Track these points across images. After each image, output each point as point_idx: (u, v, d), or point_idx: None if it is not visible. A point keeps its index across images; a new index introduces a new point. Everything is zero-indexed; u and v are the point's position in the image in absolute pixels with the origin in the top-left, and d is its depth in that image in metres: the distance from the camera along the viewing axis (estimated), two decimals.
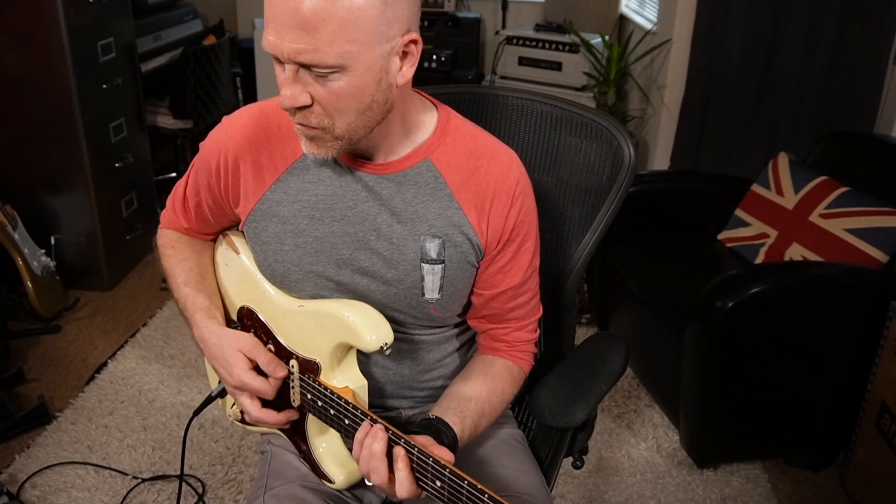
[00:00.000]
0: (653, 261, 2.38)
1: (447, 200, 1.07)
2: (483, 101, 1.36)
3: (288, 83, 0.92)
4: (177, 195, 1.23)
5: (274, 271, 1.10)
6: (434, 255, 1.07)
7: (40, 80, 2.66)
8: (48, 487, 2.02)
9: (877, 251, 2.03)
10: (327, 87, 0.92)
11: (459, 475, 0.89)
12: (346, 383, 1.06)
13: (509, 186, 1.08)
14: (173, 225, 1.26)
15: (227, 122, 1.12)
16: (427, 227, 1.07)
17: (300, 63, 0.90)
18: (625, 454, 2.20)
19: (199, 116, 3.50)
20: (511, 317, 1.16)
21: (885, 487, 1.84)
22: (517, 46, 4.24)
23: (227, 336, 1.10)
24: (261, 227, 1.10)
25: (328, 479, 1.12)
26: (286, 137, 1.09)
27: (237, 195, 1.12)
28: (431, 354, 1.19)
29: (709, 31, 3.15)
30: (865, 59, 2.81)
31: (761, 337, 1.92)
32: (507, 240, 1.10)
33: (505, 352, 1.18)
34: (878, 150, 2.33)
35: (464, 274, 1.10)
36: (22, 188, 2.81)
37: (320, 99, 0.93)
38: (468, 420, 1.05)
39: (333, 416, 1.05)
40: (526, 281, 1.14)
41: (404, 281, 1.08)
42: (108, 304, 2.91)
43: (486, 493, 0.87)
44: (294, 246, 1.08)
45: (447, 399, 1.09)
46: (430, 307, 1.10)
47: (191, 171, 1.19)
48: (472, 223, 1.07)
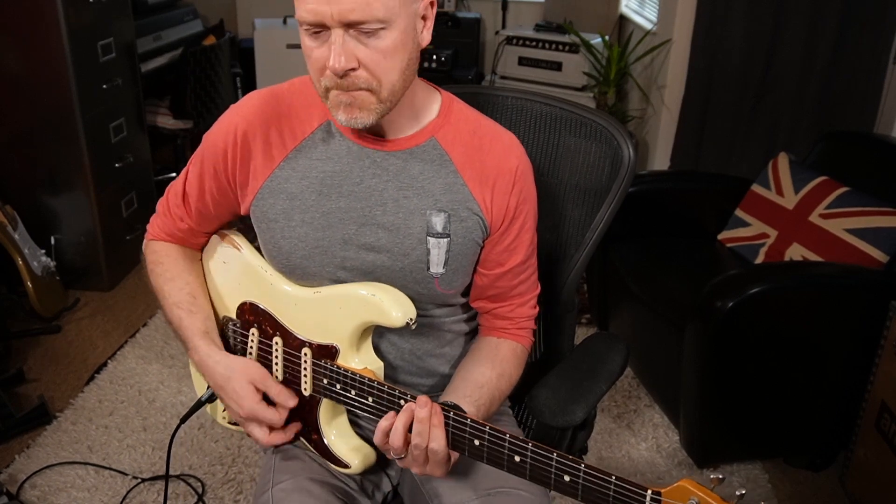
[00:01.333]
0: (653, 261, 2.38)
1: (453, 177, 1.10)
2: (483, 101, 1.36)
3: (338, 45, 0.94)
4: (174, 193, 1.22)
5: (280, 248, 1.11)
6: (440, 228, 1.09)
7: (40, 80, 2.66)
8: (48, 487, 2.02)
9: (877, 251, 2.03)
10: (373, 47, 0.95)
11: (500, 431, 0.96)
12: (364, 365, 1.08)
13: (511, 166, 1.11)
14: (166, 231, 1.23)
15: (236, 106, 1.14)
16: (433, 202, 1.09)
17: (350, 22, 0.93)
18: (625, 454, 2.20)
19: (199, 116, 3.51)
20: (514, 293, 1.19)
21: (885, 487, 1.84)
22: (517, 46, 4.24)
23: (235, 367, 1.11)
24: (268, 205, 1.11)
25: (344, 464, 1.13)
26: (296, 116, 1.11)
27: (245, 174, 1.12)
28: (435, 336, 1.20)
29: (709, 31, 3.16)
30: (865, 59, 2.81)
31: (761, 337, 1.92)
32: (511, 218, 1.12)
33: (508, 331, 1.20)
34: (878, 150, 2.33)
35: (468, 250, 1.12)
36: (22, 188, 2.81)
37: (367, 61, 0.96)
38: (482, 408, 1.08)
39: (355, 396, 1.06)
40: (528, 258, 1.17)
41: (410, 255, 1.09)
42: (108, 304, 2.91)
43: (529, 442, 0.94)
44: (301, 222, 1.10)
45: (460, 386, 1.10)
46: (434, 282, 1.11)
47: (190, 165, 1.19)
48: (476, 200, 1.10)
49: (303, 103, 1.11)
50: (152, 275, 1.22)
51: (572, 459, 0.93)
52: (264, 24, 4.39)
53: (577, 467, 0.92)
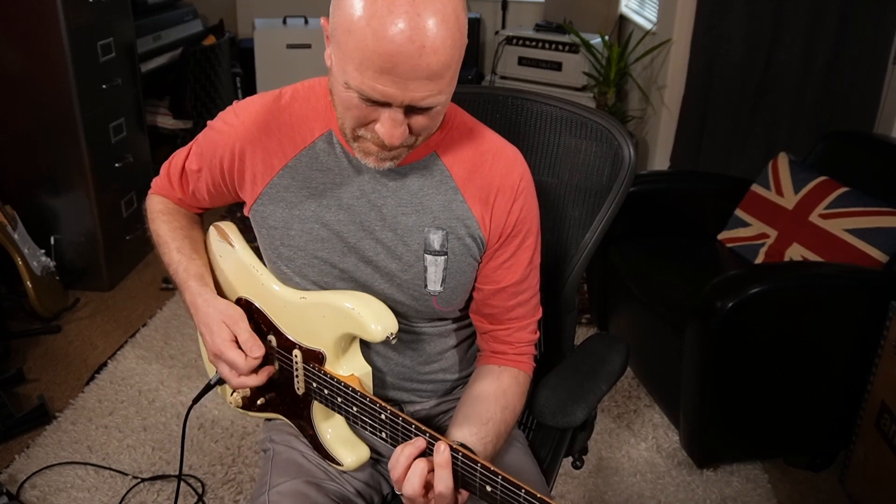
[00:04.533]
0: (653, 261, 2.38)
1: (452, 193, 1.08)
2: (483, 101, 1.36)
3: (396, 123, 0.93)
4: (174, 165, 1.24)
5: (281, 255, 1.12)
6: (437, 246, 1.08)
7: (40, 80, 2.66)
8: (48, 487, 2.02)
9: (877, 251, 2.03)
10: (425, 115, 0.94)
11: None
12: (351, 371, 1.08)
13: (513, 182, 1.09)
14: (166, 193, 1.27)
15: (237, 109, 1.14)
16: (431, 219, 1.08)
17: (420, 106, 0.91)
18: (625, 454, 2.20)
19: (198, 116, 3.51)
20: (512, 316, 1.16)
21: (885, 487, 1.84)
22: (517, 46, 4.24)
23: (217, 305, 1.12)
24: (268, 212, 1.11)
25: (337, 462, 1.13)
26: (296, 125, 1.10)
27: (242, 180, 1.13)
28: (433, 346, 1.19)
29: (708, 31, 3.16)
30: (865, 59, 2.81)
31: (761, 337, 1.92)
32: (508, 235, 1.10)
33: (509, 356, 1.18)
34: (878, 150, 2.33)
35: (467, 267, 1.11)
36: (22, 188, 2.81)
37: (417, 127, 0.96)
38: (489, 445, 1.06)
39: (341, 403, 1.07)
40: (526, 278, 1.15)
41: (407, 272, 1.09)
42: (108, 304, 2.91)
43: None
44: (300, 231, 1.10)
45: (466, 424, 1.07)
46: (432, 300, 1.11)
47: (193, 147, 1.20)
48: (475, 216, 1.09)
49: (304, 111, 1.10)
50: (156, 221, 1.25)
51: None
52: (264, 24, 4.39)
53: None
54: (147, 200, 1.29)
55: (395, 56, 0.86)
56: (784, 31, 2.99)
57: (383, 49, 0.86)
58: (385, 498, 1.24)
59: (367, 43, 0.86)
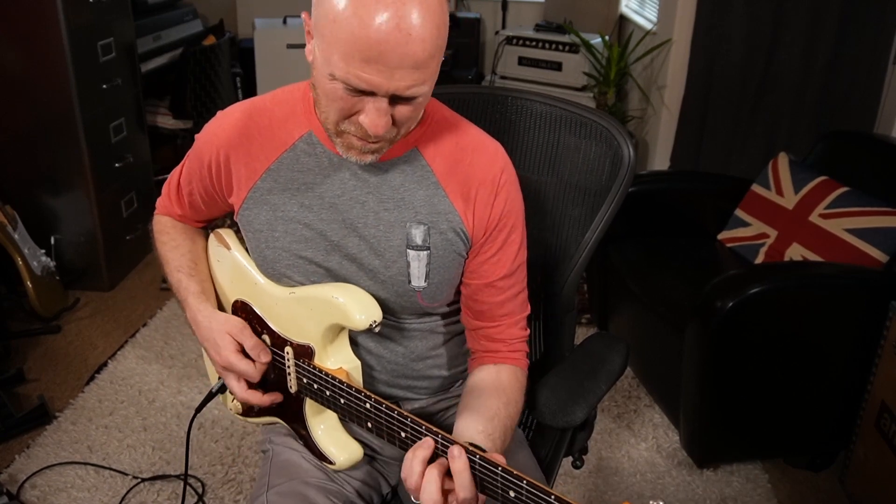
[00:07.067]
0: (653, 261, 2.38)
1: (433, 188, 1.09)
2: (483, 101, 1.36)
3: (381, 112, 0.93)
4: (171, 183, 1.27)
5: (265, 258, 1.13)
6: (419, 241, 1.08)
7: (40, 80, 2.67)
8: (48, 487, 2.02)
9: (877, 251, 2.03)
10: (411, 104, 0.95)
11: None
12: (339, 364, 1.09)
13: (494, 176, 1.09)
14: (168, 211, 1.29)
15: (220, 118, 1.16)
16: (413, 214, 1.08)
17: (405, 95, 0.92)
18: (625, 454, 2.20)
19: (198, 116, 3.51)
20: (503, 312, 1.16)
21: (885, 487, 1.84)
22: (517, 46, 4.25)
23: (218, 319, 1.14)
24: (253, 215, 1.12)
25: (328, 460, 1.14)
26: (277, 127, 1.11)
27: (230, 186, 1.15)
28: (423, 342, 1.19)
29: (709, 31, 3.16)
30: (865, 59, 2.81)
31: (761, 337, 1.92)
32: (493, 230, 1.10)
33: (504, 353, 1.17)
34: (878, 150, 2.33)
35: (451, 263, 1.11)
36: (22, 188, 2.81)
37: (400, 118, 0.96)
38: (498, 441, 1.05)
39: (330, 397, 1.07)
40: (514, 273, 1.15)
41: (391, 268, 1.09)
42: (108, 304, 2.91)
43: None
44: (284, 232, 1.11)
45: (472, 421, 1.06)
46: (417, 296, 1.11)
47: (185, 161, 1.23)
48: (458, 211, 1.09)
49: (284, 114, 1.11)
50: (158, 243, 1.28)
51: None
52: (264, 24, 4.39)
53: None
54: (152, 222, 1.32)
55: (381, 44, 0.86)
56: (784, 31, 2.99)
57: (370, 37, 0.86)
58: (385, 498, 1.24)
59: (353, 32, 0.86)
